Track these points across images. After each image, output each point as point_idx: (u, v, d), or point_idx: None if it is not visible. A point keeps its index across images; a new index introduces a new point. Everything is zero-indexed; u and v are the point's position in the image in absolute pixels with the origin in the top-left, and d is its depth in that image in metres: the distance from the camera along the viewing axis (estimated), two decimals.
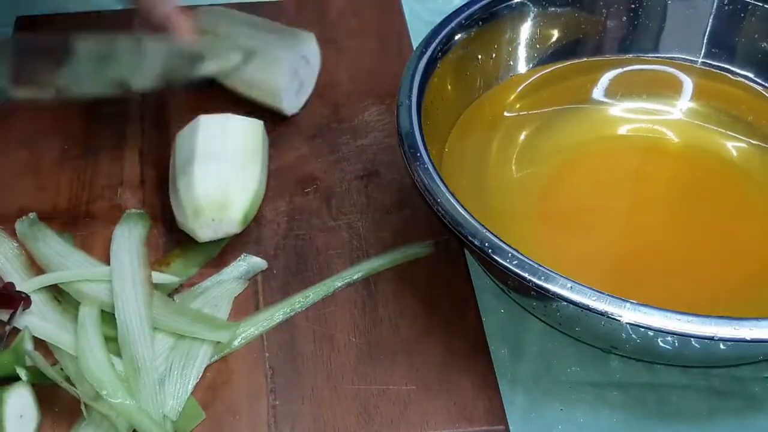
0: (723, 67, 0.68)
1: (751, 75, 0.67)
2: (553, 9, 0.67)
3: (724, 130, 0.65)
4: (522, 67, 0.68)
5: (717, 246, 0.59)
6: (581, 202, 0.61)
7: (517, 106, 0.66)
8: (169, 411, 0.52)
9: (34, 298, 0.55)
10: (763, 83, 0.67)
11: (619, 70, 0.68)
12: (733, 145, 0.65)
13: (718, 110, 0.66)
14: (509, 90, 0.67)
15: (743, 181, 0.62)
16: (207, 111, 0.64)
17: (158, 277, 0.57)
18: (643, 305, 0.46)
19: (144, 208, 0.63)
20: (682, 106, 0.67)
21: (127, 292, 0.55)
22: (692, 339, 0.46)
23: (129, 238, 0.59)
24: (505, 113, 0.66)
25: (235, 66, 0.66)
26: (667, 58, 0.69)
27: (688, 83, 0.68)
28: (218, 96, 0.69)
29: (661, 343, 0.47)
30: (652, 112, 0.66)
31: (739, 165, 0.63)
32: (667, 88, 0.68)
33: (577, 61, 0.68)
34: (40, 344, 0.54)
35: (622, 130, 0.66)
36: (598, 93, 0.68)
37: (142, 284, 0.56)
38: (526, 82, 0.67)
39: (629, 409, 0.54)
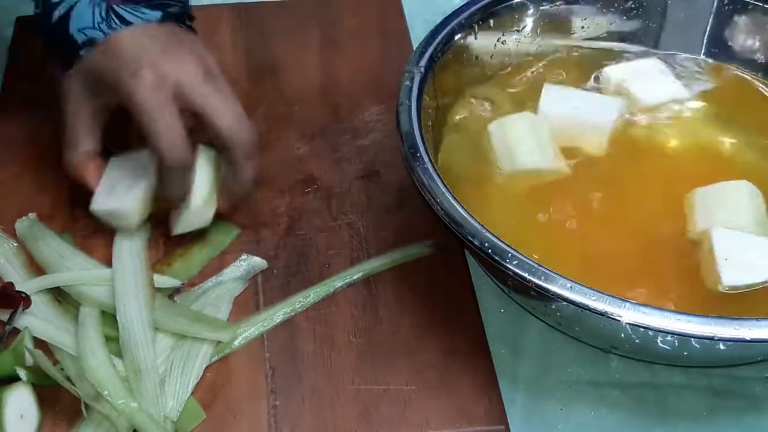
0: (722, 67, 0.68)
1: (751, 75, 0.67)
2: (552, 8, 0.67)
3: (724, 128, 0.65)
4: (522, 64, 0.68)
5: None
6: (581, 199, 0.60)
7: (518, 102, 0.66)
8: (169, 411, 0.52)
9: (34, 298, 0.55)
10: (764, 82, 0.67)
11: (619, 65, 0.68)
12: (732, 143, 0.65)
13: (719, 107, 0.66)
14: (509, 88, 0.67)
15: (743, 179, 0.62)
16: None
17: (160, 280, 0.57)
18: (642, 305, 0.46)
19: None
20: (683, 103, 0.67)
21: (129, 295, 0.55)
22: (692, 339, 0.46)
23: (131, 242, 0.59)
24: (506, 109, 0.66)
25: None
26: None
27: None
28: None
29: (660, 343, 0.47)
30: (652, 108, 0.66)
31: (739, 163, 0.63)
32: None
33: (576, 54, 0.69)
34: (40, 345, 0.54)
35: (621, 126, 0.66)
36: (596, 88, 0.68)
37: (144, 287, 0.56)
38: (527, 78, 0.67)
39: (629, 408, 0.54)
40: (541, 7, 0.67)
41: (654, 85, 0.66)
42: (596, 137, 0.63)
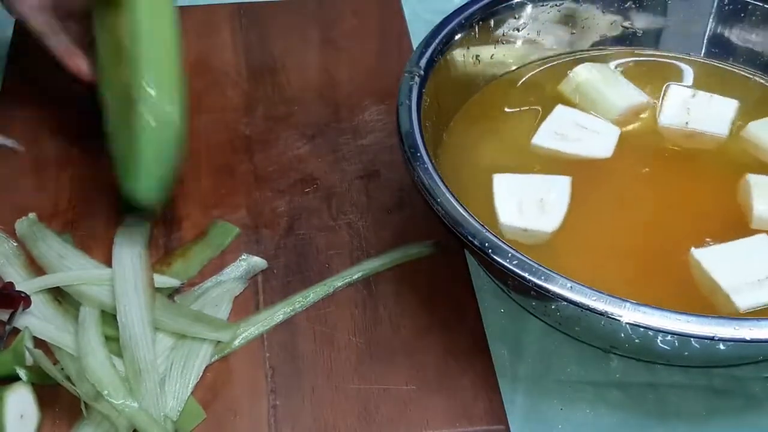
0: (723, 68, 0.68)
1: (750, 75, 0.67)
2: (552, 9, 0.67)
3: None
4: (522, 64, 0.68)
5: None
6: (581, 197, 0.60)
7: (518, 102, 0.66)
8: (169, 411, 0.52)
9: (34, 298, 0.55)
10: (764, 83, 0.67)
11: (620, 64, 0.68)
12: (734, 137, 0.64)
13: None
14: (509, 86, 0.67)
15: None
16: None
17: (160, 280, 0.57)
18: (642, 305, 0.46)
19: None
20: None
21: (129, 295, 0.55)
22: (692, 339, 0.46)
23: (131, 242, 0.59)
24: (506, 109, 0.66)
25: None
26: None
27: (689, 75, 0.68)
28: None
29: (660, 343, 0.47)
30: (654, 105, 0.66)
31: (741, 163, 0.63)
32: (670, 80, 0.68)
33: (577, 56, 0.69)
34: (40, 344, 0.54)
35: (623, 123, 0.66)
36: None
37: (144, 288, 0.56)
38: (526, 78, 0.68)
39: (629, 408, 0.54)
40: (542, 8, 0.67)
41: (708, 111, 0.65)
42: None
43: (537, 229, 0.56)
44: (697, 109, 0.65)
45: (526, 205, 0.57)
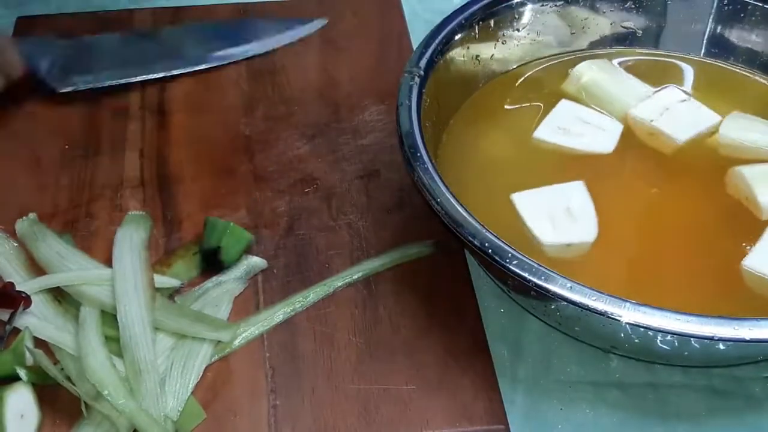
0: (723, 68, 0.68)
1: (750, 75, 0.67)
2: (552, 9, 0.67)
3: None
4: (522, 64, 0.68)
5: (717, 242, 0.58)
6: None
7: (518, 99, 0.66)
8: (169, 411, 0.52)
9: (34, 298, 0.55)
10: (764, 83, 0.67)
11: (621, 63, 0.68)
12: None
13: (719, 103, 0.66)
14: (510, 84, 0.67)
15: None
16: None
17: (160, 280, 0.57)
18: (642, 305, 0.46)
19: (144, 208, 0.63)
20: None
21: (129, 296, 0.55)
22: (692, 339, 0.46)
23: (131, 242, 0.59)
24: (506, 107, 0.66)
25: None
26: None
27: (688, 74, 0.68)
28: None
29: (660, 343, 0.47)
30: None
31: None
32: (669, 80, 0.68)
33: (577, 56, 0.69)
34: (40, 344, 0.54)
35: (623, 122, 0.65)
36: None
37: (145, 288, 0.56)
38: (527, 76, 0.68)
39: (629, 408, 0.54)
40: (542, 7, 0.67)
41: (684, 118, 0.64)
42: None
43: (580, 241, 0.56)
44: (674, 113, 0.64)
45: (557, 220, 0.57)
